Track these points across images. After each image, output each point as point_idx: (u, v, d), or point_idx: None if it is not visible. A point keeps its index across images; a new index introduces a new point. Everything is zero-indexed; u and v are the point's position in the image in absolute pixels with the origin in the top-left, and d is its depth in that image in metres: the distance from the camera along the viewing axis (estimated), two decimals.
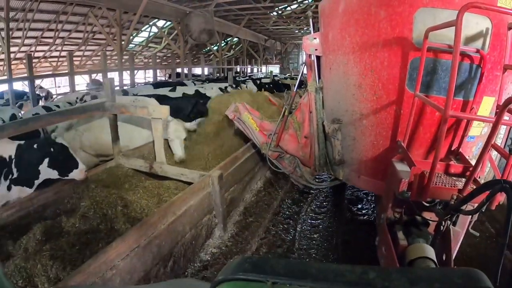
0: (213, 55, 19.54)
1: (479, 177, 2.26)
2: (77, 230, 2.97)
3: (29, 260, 2.53)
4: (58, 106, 6.01)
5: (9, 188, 3.17)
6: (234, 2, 12.51)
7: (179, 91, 7.22)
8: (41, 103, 8.81)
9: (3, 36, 7.99)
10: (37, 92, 10.28)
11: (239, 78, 14.42)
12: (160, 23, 14.52)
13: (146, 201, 3.53)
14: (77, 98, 6.98)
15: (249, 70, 22.53)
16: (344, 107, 3.21)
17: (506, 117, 1.71)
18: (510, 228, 1.28)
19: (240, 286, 0.67)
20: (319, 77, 3.69)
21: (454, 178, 2.29)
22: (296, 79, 4.18)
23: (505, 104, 1.60)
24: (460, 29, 1.75)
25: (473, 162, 2.43)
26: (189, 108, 5.57)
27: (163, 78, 17.35)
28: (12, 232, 2.89)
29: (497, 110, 2.45)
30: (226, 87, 8.98)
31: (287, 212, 4.52)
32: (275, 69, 26.77)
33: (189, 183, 3.74)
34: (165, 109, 4.03)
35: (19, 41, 11.88)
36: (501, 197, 1.96)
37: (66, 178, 3.29)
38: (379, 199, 3.15)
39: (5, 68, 7.18)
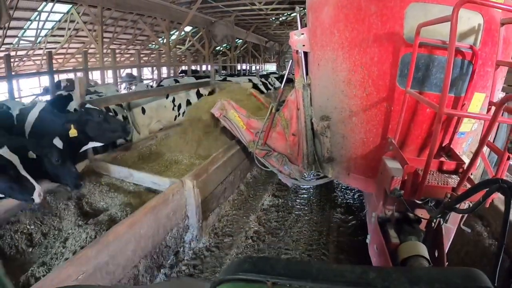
0: (221, 54, 22.63)
1: (471, 174, 2.25)
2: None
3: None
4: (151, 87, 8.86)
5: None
6: (249, 14, 16.18)
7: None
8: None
9: (94, 35, 11.48)
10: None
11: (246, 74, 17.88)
12: (187, 28, 17.13)
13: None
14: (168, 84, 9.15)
15: (253, 68, 26.37)
16: (333, 104, 3.16)
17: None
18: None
19: (240, 286, 0.67)
20: (307, 74, 3.63)
21: (446, 175, 2.27)
22: None
23: (502, 102, 1.57)
24: (456, 25, 1.71)
25: (463, 158, 2.42)
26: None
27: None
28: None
29: (489, 107, 2.46)
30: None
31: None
32: (272, 67, 30.41)
33: None
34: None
35: (87, 39, 14.99)
36: (495, 195, 1.95)
37: None
38: (369, 197, 3.12)
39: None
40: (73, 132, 3.48)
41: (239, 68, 23.50)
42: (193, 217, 3.69)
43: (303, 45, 3.41)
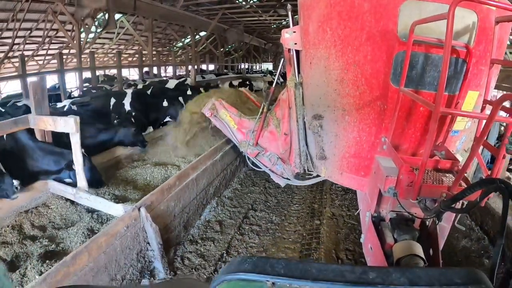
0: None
1: (466, 173, 2.24)
2: None
3: None
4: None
5: None
6: (255, 22, 19.56)
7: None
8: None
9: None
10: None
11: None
12: (202, 33, 19.84)
13: None
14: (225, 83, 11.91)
15: (253, 67, 30.05)
16: (326, 103, 3.12)
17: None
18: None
19: (240, 286, 0.68)
20: (299, 72, 3.58)
21: (441, 174, 2.25)
22: None
23: (500, 101, 1.55)
24: (452, 23, 1.69)
25: (457, 157, 2.42)
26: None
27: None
28: None
29: (484, 105, 2.46)
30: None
31: None
32: (269, 66, 33.78)
33: None
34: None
35: (124, 41, 18.92)
36: (491, 195, 1.94)
37: None
38: (363, 196, 3.10)
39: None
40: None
41: (242, 66, 25.74)
42: None
43: (295, 43, 3.37)
